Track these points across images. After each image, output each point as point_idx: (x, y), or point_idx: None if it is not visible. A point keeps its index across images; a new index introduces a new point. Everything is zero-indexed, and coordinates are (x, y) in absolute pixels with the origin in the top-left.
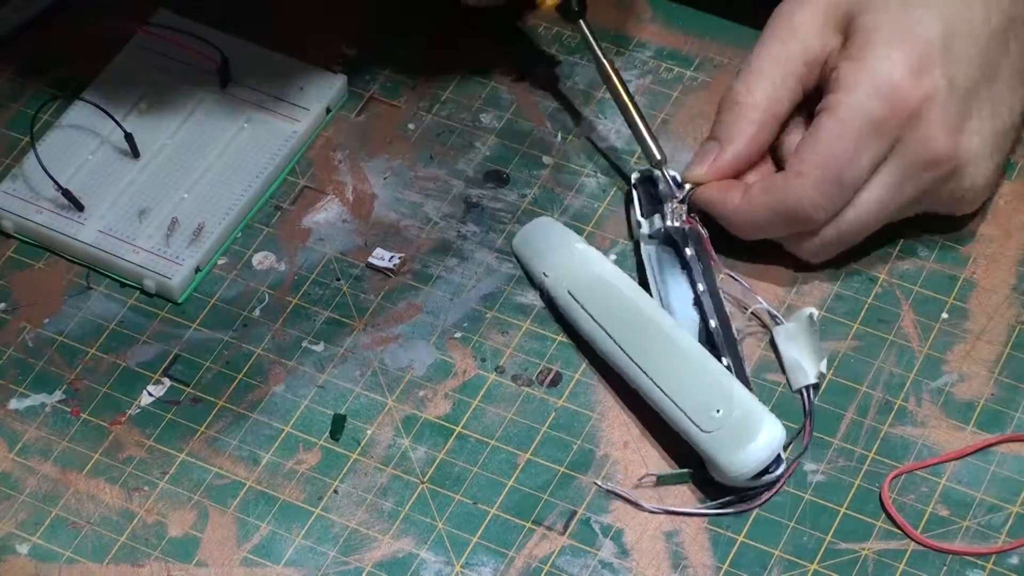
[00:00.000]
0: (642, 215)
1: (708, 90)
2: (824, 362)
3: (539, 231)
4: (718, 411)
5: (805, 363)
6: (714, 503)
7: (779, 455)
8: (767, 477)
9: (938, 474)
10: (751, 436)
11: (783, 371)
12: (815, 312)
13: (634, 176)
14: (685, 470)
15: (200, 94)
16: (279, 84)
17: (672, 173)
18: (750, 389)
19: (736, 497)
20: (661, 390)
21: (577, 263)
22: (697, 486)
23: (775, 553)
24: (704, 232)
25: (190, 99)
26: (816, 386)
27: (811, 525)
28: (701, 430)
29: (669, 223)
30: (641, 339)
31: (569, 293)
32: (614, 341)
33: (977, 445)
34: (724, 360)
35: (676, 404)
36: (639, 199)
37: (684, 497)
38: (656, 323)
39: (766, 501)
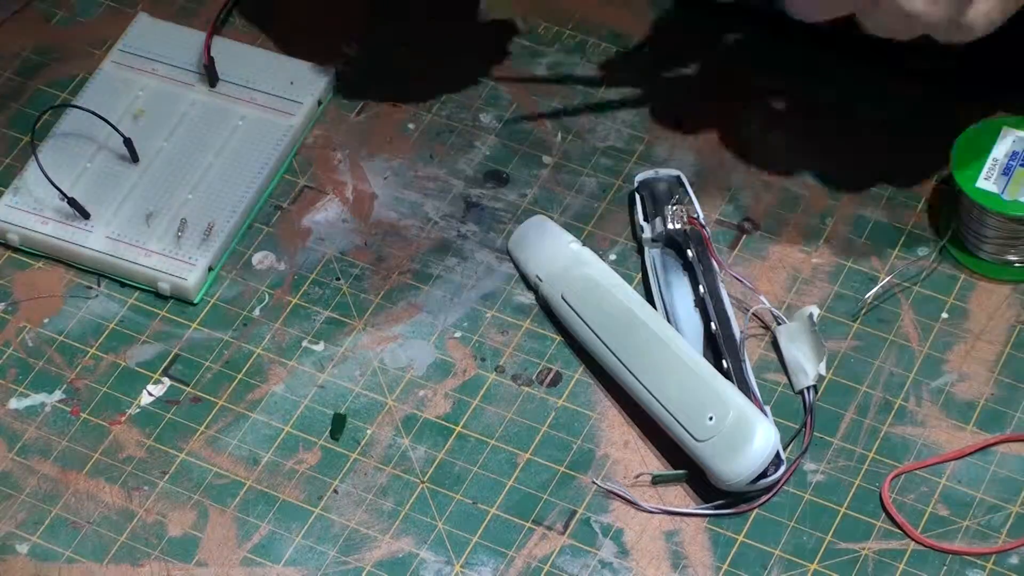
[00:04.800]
0: (645, 219)
1: (709, 90)
2: (823, 363)
3: (533, 232)
4: (711, 418)
5: (806, 363)
6: (714, 503)
7: (779, 456)
8: (766, 480)
9: (938, 474)
10: (745, 442)
11: (785, 371)
12: (816, 311)
13: (637, 180)
14: (682, 471)
15: (191, 95)
16: (269, 80)
17: (675, 172)
18: (752, 391)
19: (736, 497)
20: (655, 398)
21: (571, 265)
22: (696, 486)
23: (775, 553)
24: (707, 233)
25: (182, 100)
26: (816, 386)
27: (811, 525)
28: (695, 438)
29: (670, 225)
30: (635, 346)
31: (563, 298)
32: (608, 348)
33: (977, 445)
34: (724, 363)
35: (670, 412)
36: (642, 203)
37: (684, 497)
38: (650, 329)
39: (766, 501)
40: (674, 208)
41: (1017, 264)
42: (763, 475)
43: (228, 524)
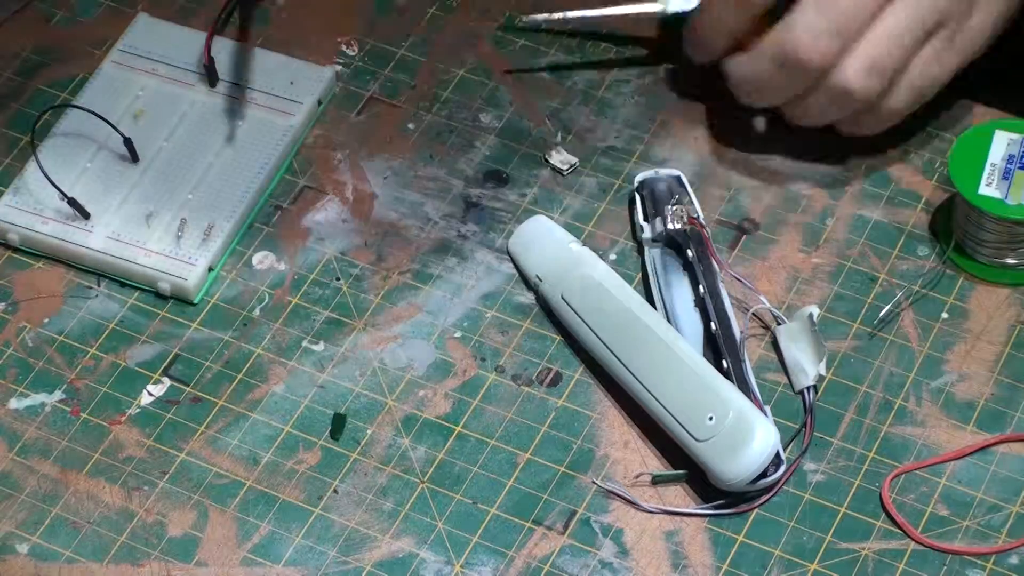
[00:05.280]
0: (645, 219)
1: (709, 90)
2: (823, 363)
3: (533, 232)
4: (711, 418)
5: (806, 363)
6: (714, 503)
7: (779, 456)
8: (766, 480)
9: (938, 474)
10: (745, 442)
11: (785, 371)
12: (816, 311)
13: (637, 180)
14: (682, 471)
15: (191, 95)
16: (269, 80)
17: (675, 172)
18: (752, 391)
19: (736, 497)
20: (655, 398)
21: (571, 266)
22: (696, 486)
23: (775, 553)
24: (707, 233)
25: (181, 100)
26: (816, 386)
27: (811, 525)
28: (695, 438)
29: (670, 225)
30: (635, 346)
31: (563, 298)
32: (608, 348)
33: (977, 445)
34: (724, 363)
35: (669, 412)
36: (642, 203)
37: (684, 497)
38: (650, 329)
39: (766, 501)
40: (674, 208)
41: (1017, 267)
42: (763, 475)
43: (228, 524)
